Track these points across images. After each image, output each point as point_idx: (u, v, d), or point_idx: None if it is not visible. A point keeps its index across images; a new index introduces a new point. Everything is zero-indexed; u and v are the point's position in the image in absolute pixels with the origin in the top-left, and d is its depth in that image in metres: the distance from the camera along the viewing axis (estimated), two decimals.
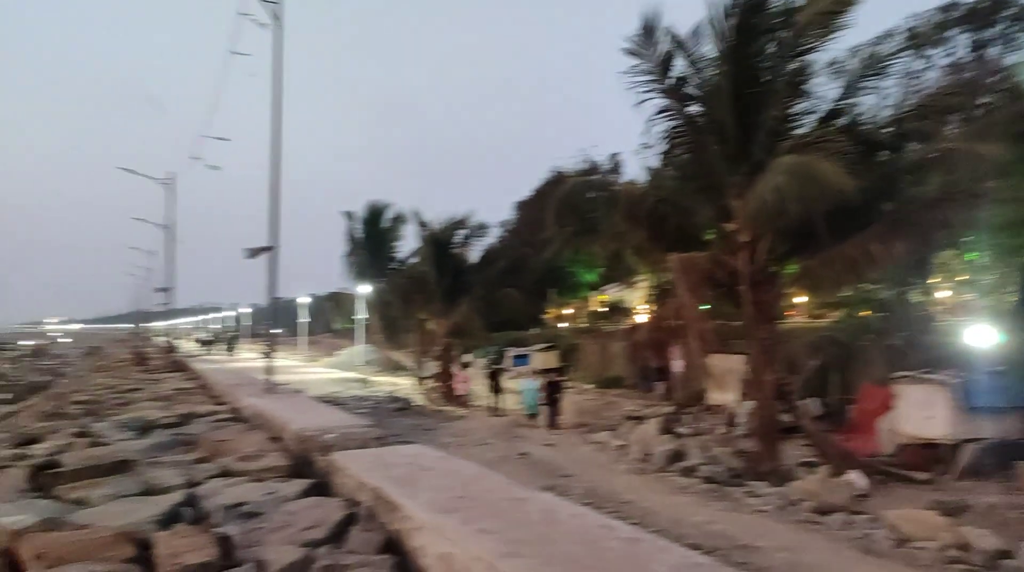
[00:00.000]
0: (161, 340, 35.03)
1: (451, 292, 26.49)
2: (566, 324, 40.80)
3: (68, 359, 46.68)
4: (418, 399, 24.03)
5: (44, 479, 5.58)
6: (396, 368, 36.90)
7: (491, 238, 37.82)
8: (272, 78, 11.51)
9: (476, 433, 15.84)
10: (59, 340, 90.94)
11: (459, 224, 27.90)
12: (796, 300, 24.09)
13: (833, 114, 12.22)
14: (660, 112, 12.81)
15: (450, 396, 25.49)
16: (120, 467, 5.88)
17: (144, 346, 30.93)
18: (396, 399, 21.76)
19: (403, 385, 28.86)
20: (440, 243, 27.43)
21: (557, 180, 40.14)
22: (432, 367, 27.67)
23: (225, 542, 3.85)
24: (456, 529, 3.34)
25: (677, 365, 23.95)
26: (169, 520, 4.38)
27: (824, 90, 12.26)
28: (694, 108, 12.91)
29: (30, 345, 70.48)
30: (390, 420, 16.84)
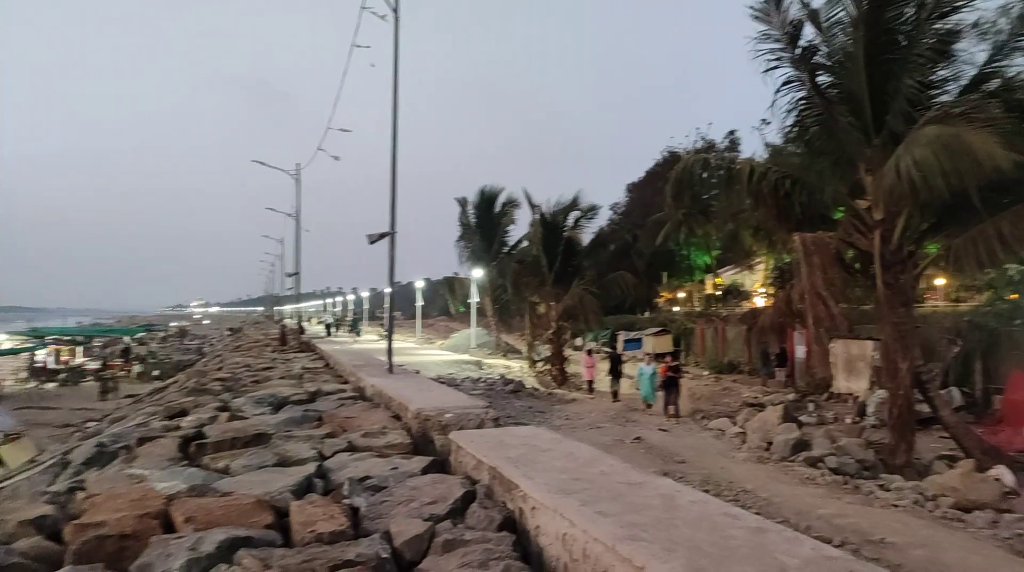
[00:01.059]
0: (291, 322, 37.23)
1: (562, 275, 26.49)
2: (679, 308, 39.88)
3: (209, 340, 50.51)
4: (530, 382, 24.27)
5: (192, 449, 6.06)
6: (508, 351, 37.43)
7: (602, 221, 37.49)
8: (391, 69, 11.82)
9: (589, 416, 15.81)
10: (201, 322, 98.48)
11: (570, 207, 27.80)
12: (935, 282, 22.42)
13: (980, 79, 11.17)
14: (787, 83, 12.20)
15: (561, 379, 25.56)
16: (257, 440, 6.28)
17: (279, 328, 32.91)
18: (509, 381, 22.07)
19: (515, 368, 29.23)
20: (551, 226, 27.45)
21: (671, 161, 39.17)
22: (544, 350, 27.83)
23: (354, 513, 4.03)
24: (575, 510, 3.33)
25: (799, 351, 22.87)
26: (302, 490, 4.65)
27: (970, 53, 11.23)
28: (824, 78, 12.18)
29: (176, 326, 76.81)
30: (504, 402, 17.12)
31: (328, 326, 42.99)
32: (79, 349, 39.44)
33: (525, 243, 31.77)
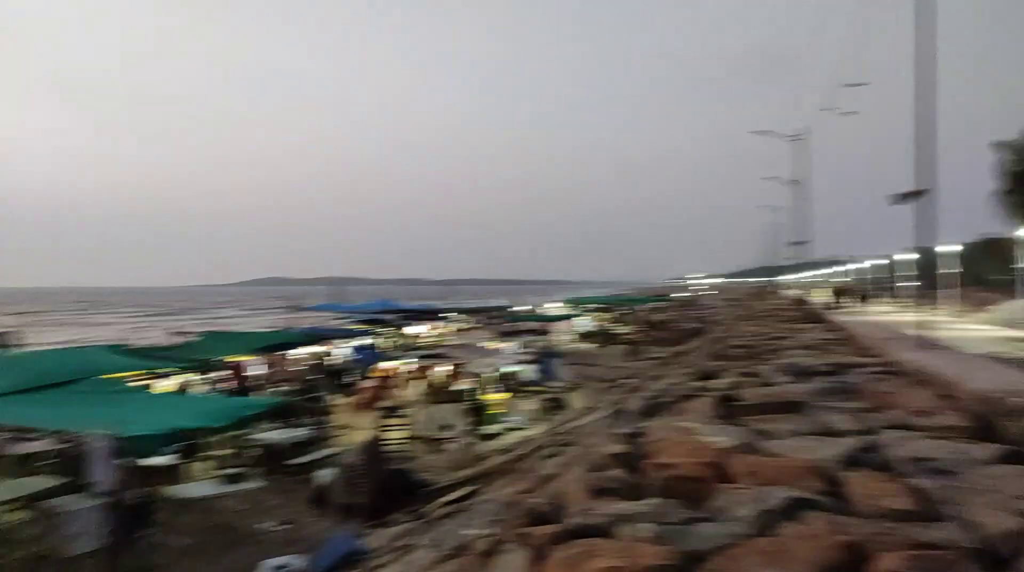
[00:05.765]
0: (792, 293, 36.56)
1: None
2: None
3: (715, 309, 52.87)
4: None
5: (727, 409, 6.45)
6: None
7: None
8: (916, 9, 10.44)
9: None
10: (704, 292, 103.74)
11: None
12: None
13: None
14: None
15: None
16: (790, 407, 6.34)
17: (776, 298, 32.70)
18: None
19: None
20: None
21: None
22: None
23: (921, 494, 3.74)
24: None
25: None
26: (850, 462, 4.52)
27: None
28: None
29: (680, 297, 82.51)
30: None
31: (838, 295, 40.67)
32: (606, 316, 45.74)
33: None
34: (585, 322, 42.62)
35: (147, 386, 13.83)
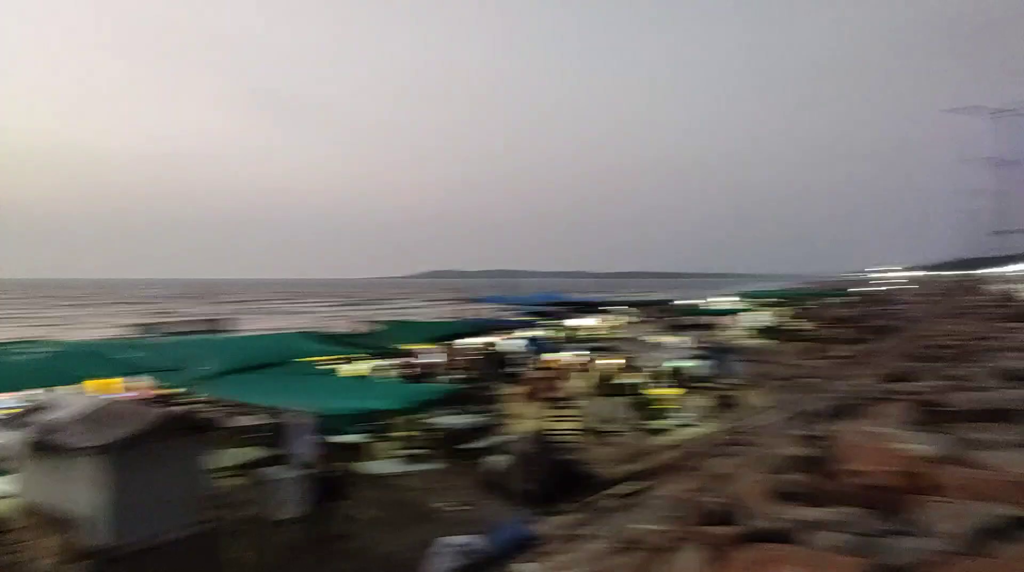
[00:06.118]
0: (996, 288, 32.15)
1: None
2: None
3: (906, 305, 48.26)
4: None
5: (927, 415, 5.90)
6: None
7: None
8: None
9: None
10: (891, 286, 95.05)
11: None
12: None
13: None
14: None
15: None
16: (1004, 415, 5.69)
17: (977, 294, 29.03)
18: None
19: None
20: None
21: None
22: None
23: None
24: None
25: None
26: None
27: None
28: None
29: (865, 291, 76.11)
30: None
31: None
32: (785, 310, 43.20)
33: None
34: (758, 317, 40.60)
35: (335, 370, 15.09)
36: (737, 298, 47.62)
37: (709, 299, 46.83)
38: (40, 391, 10.07)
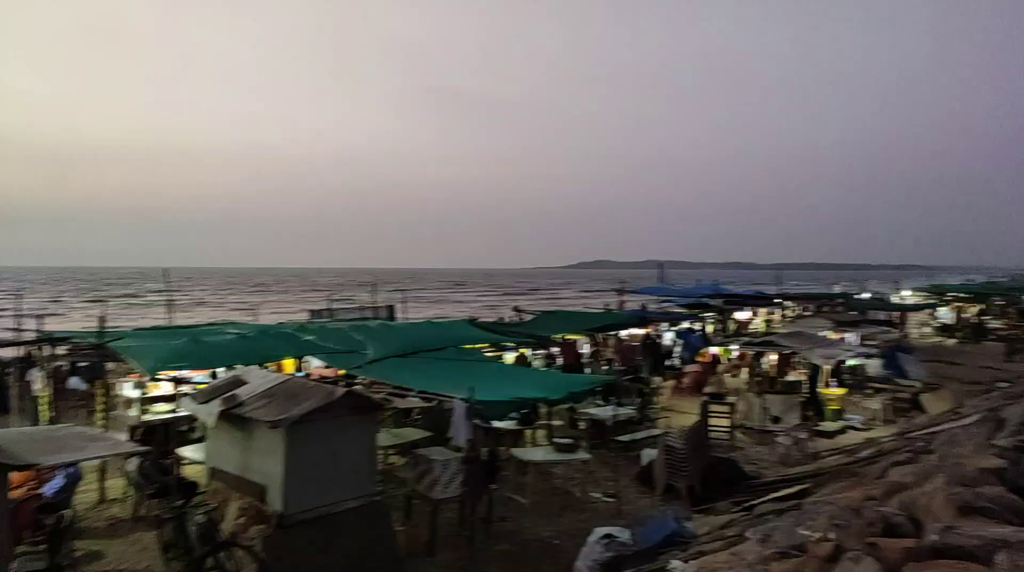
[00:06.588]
0: None
1: None
2: None
3: None
4: None
5: None
6: None
7: None
8: None
9: None
10: None
11: None
12: None
13: None
14: None
15: None
16: None
17: None
18: None
19: None
20: None
21: None
22: None
23: None
24: None
25: None
26: None
27: None
28: None
29: None
30: None
31: None
32: (974, 307, 38.87)
33: None
34: (947, 313, 36.77)
35: (494, 358, 15.53)
36: (925, 292, 43.45)
37: (892, 292, 43.15)
38: (226, 368, 11.27)
